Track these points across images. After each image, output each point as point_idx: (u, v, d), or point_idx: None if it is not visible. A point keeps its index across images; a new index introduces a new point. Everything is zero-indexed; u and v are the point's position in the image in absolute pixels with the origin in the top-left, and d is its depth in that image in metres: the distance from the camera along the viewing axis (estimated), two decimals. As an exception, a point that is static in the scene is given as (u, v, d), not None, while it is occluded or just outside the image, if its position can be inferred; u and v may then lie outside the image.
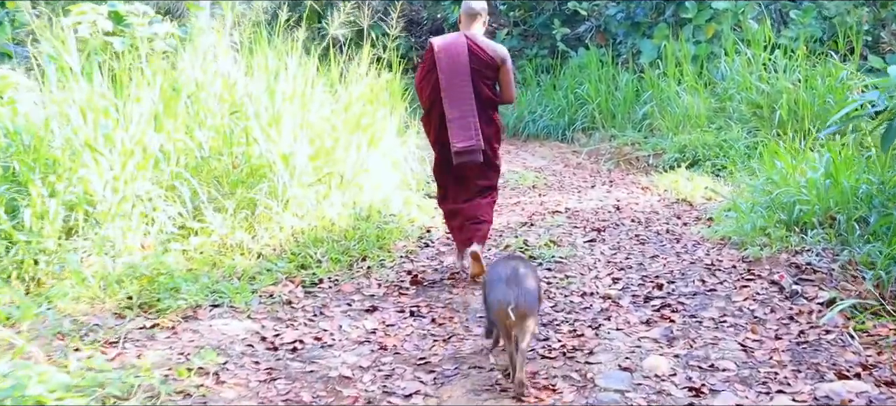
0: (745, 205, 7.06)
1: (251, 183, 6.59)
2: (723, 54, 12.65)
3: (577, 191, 9.54)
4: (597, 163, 11.91)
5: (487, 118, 5.79)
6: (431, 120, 5.86)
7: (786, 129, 10.74)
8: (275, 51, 7.70)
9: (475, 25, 5.86)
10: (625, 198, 9.02)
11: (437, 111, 5.74)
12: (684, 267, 6.10)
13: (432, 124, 5.87)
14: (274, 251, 6.17)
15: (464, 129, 5.63)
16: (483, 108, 5.74)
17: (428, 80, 5.80)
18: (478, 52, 5.71)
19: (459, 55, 5.66)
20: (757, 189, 7.57)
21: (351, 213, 6.84)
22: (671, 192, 9.21)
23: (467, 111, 5.65)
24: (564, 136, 14.08)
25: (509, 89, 5.88)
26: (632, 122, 12.97)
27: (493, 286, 4.07)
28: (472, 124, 5.64)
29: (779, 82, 11.16)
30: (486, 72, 5.74)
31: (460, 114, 5.63)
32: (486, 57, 5.72)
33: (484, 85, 5.74)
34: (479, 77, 5.70)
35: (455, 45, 5.72)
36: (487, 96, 5.77)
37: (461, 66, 5.64)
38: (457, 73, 5.64)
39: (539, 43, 16.81)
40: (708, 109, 11.49)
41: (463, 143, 5.63)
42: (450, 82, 5.64)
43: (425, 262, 6.34)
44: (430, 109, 5.85)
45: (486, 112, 5.78)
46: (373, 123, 7.83)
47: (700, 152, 10.55)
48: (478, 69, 5.69)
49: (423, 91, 5.87)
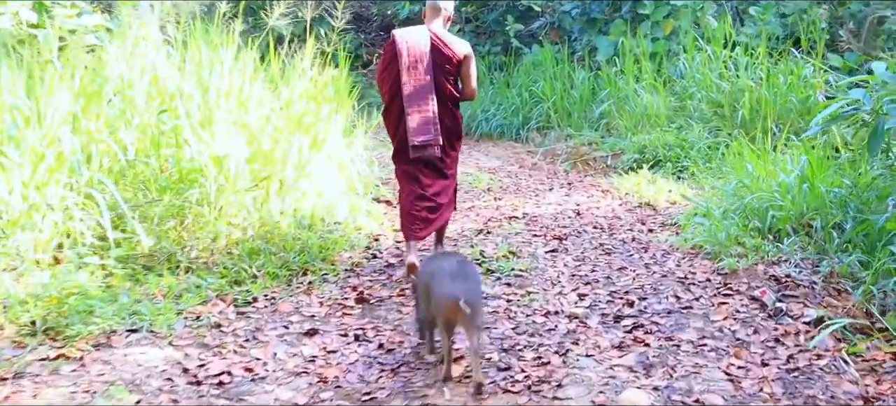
0: (718, 211, 6.55)
1: (181, 188, 5.93)
2: (682, 52, 12.23)
3: (534, 194, 9.01)
4: (553, 163, 11.40)
5: (449, 113, 5.71)
6: (391, 113, 5.76)
7: (748, 129, 10.37)
8: (211, 44, 7.05)
9: (439, 20, 5.77)
10: (585, 202, 8.50)
11: (397, 105, 5.64)
12: (656, 280, 5.58)
13: (392, 118, 5.76)
14: (205, 265, 5.53)
15: (422, 123, 5.56)
16: (444, 103, 5.66)
17: (389, 73, 5.68)
18: (441, 46, 5.61)
19: (421, 49, 5.56)
20: (727, 193, 7.09)
21: (291, 221, 6.20)
22: (633, 195, 8.72)
23: (426, 106, 5.56)
24: (519, 136, 13.55)
25: (471, 85, 5.78)
26: (588, 121, 12.48)
27: (439, 281, 3.89)
28: (431, 120, 5.56)
29: (740, 80, 10.76)
30: (449, 67, 5.65)
31: (419, 109, 5.55)
32: (449, 52, 5.62)
33: (446, 80, 5.65)
34: (441, 72, 5.62)
35: (417, 39, 5.61)
36: (449, 92, 5.69)
37: (423, 60, 5.55)
38: (418, 67, 5.55)
39: (492, 40, 16.28)
40: (668, 108, 11.03)
41: (421, 138, 5.55)
42: (410, 76, 5.55)
43: (372, 277, 5.73)
44: (390, 103, 5.74)
45: (447, 107, 5.70)
46: (316, 123, 7.20)
47: (660, 153, 10.09)
48: (440, 64, 5.60)
49: (384, 84, 5.75)
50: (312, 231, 6.24)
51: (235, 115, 6.45)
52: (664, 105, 11.02)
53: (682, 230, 6.97)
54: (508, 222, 7.48)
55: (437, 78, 5.61)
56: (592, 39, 13.71)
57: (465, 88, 5.81)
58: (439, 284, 3.88)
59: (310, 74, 7.58)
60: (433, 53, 5.60)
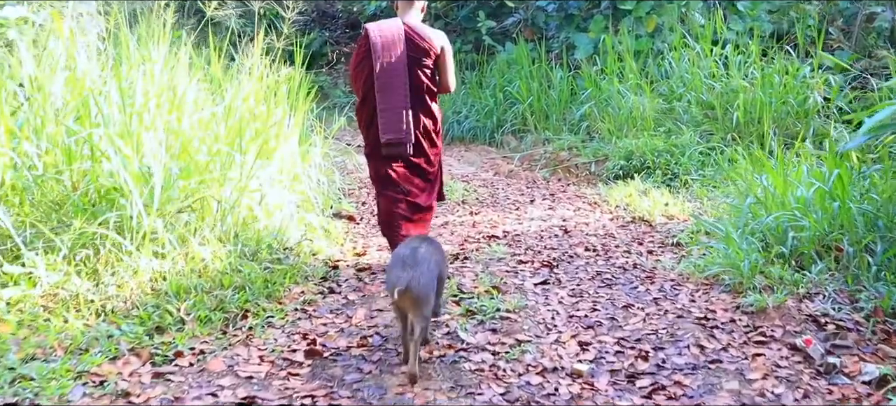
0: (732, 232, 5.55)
1: (98, 211, 4.85)
2: (667, 50, 11.26)
3: (514, 207, 7.97)
4: (531, 170, 10.38)
5: (425, 109, 5.44)
6: (364, 110, 5.46)
7: (743, 133, 9.45)
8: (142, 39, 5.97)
9: (413, 12, 5.48)
10: (572, 216, 7.48)
11: (371, 101, 5.35)
12: (670, 323, 4.55)
13: (365, 115, 5.47)
14: (124, 306, 4.44)
15: (394, 120, 5.29)
16: (420, 97, 5.39)
17: (362, 68, 5.38)
18: (416, 39, 5.32)
19: (395, 42, 5.29)
20: (740, 210, 6.12)
21: (231, 249, 5.12)
22: (624, 208, 7.72)
23: (399, 102, 5.29)
24: (493, 139, 12.51)
25: (447, 78, 5.48)
26: (568, 123, 11.46)
27: (389, 268, 3.89)
28: (403, 116, 5.30)
29: (732, 81, 9.82)
30: (425, 60, 5.35)
31: (392, 105, 5.28)
32: (424, 44, 5.34)
33: (422, 73, 5.36)
34: (416, 65, 5.33)
35: (391, 32, 5.31)
36: (426, 86, 5.40)
37: (397, 54, 5.27)
38: (392, 61, 5.26)
39: (463, 37, 15.22)
40: (655, 111, 10.05)
41: (391, 135, 5.31)
42: (383, 71, 5.26)
43: (328, 319, 4.65)
44: (364, 99, 5.43)
45: (424, 102, 5.43)
46: (265, 130, 6.13)
47: (649, 159, 9.12)
48: (415, 57, 5.32)
49: (357, 79, 5.45)
50: (257, 261, 5.17)
51: (166, 122, 5.35)
52: (651, 107, 10.03)
53: (688, 252, 5.98)
54: (488, 243, 6.43)
55: (412, 72, 5.32)
56: (570, 36, 12.70)
57: (443, 82, 5.51)
58: (389, 271, 3.83)
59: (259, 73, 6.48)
60: (408, 46, 5.30)
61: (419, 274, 3.74)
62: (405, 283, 3.64)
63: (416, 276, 3.71)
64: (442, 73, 5.50)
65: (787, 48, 10.26)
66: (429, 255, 3.93)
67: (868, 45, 11.81)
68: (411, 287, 3.66)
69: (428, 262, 3.87)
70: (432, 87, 5.47)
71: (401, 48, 5.29)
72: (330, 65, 18.53)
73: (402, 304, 3.74)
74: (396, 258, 3.88)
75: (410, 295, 3.67)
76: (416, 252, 3.88)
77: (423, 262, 3.83)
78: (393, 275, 3.75)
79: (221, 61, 6.52)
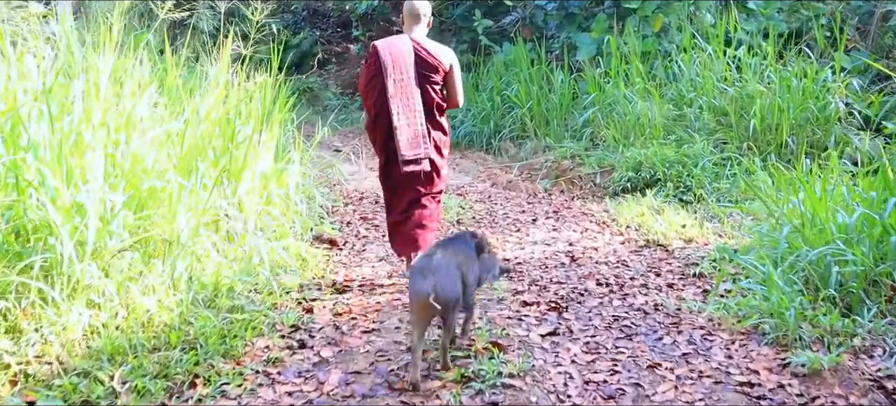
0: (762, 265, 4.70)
1: (24, 253, 4.01)
2: (675, 51, 10.43)
3: (514, 228, 7.13)
4: (532, 181, 9.55)
5: (435, 123, 5.40)
6: (378, 126, 5.34)
7: (760, 142, 8.64)
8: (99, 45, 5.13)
9: (419, 27, 5.39)
10: (579, 239, 6.65)
11: (385, 119, 5.26)
12: (707, 391, 3.70)
13: (379, 131, 5.34)
14: (48, 370, 3.61)
15: (412, 137, 5.24)
16: (430, 113, 5.34)
17: (373, 86, 5.27)
18: (424, 55, 5.26)
19: (405, 59, 5.23)
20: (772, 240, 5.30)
21: (183, 297, 4.27)
22: (636, 229, 6.90)
23: (415, 119, 5.25)
24: (490, 146, 11.66)
25: (456, 94, 5.46)
26: (570, 130, 10.62)
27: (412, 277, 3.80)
28: (420, 133, 5.26)
29: (748, 85, 8.99)
30: (434, 76, 5.30)
31: (408, 122, 5.23)
32: (433, 61, 5.28)
33: (431, 89, 5.31)
34: (426, 82, 5.27)
35: (400, 49, 5.25)
36: (436, 102, 5.35)
37: (408, 71, 5.22)
38: (403, 78, 5.21)
39: (458, 37, 14.38)
40: (664, 117, 9.22)
41: (411, 153, 5.25)
42: (396, 88, 5.20)
43: (294, 385, 3.79)
44: (376, 116, 5.31)
45: (434, 117, 5.38)
46: (231, 148, 5.29)
47: (659, 170, 8.29)
48: (425, 73, 5.26)
49: (369, 97, 5.33)
50: (215, 308, 4.33)
51: (108, 143, 4.51)
52: (660, 113, 9.20)
53: (713, 287, 5.15)
54: (486, 275, 5.60)
55: (422, 88, 5.26)
56: (571, 37, 11.86)
57: (451, 97, 5.47)
58: (411, 283, 3.76)
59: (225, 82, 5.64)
60: (417, 63, 5.24)
61: (441, 279, 3.67)
62: (430, 292, 3.58)
63: (439, 280, 3.65)
64: (450, 89, 5.43)
65: (803, 49, 9.44)
66: (447, 260, 3.84)
67: (885, 45, 11.01)
68: (437, 294, 3.59)
69: (447, 267, 3.78)
70: (441, 103, 5.40)
71: (411, 65, 5.22)
72: (322, 65, 17.68)
73: (427, 313, 3.66)
74: (416, 270, 3.81)
75: (436, 302, 3.57)
76: (432, 259, 3.81)
77: (442, 267, 3.75)
78: (416, 285, 3.67)
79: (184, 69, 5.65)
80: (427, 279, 3.65)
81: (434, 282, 3.64)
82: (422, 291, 3.61)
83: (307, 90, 16.85)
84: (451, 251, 3.98)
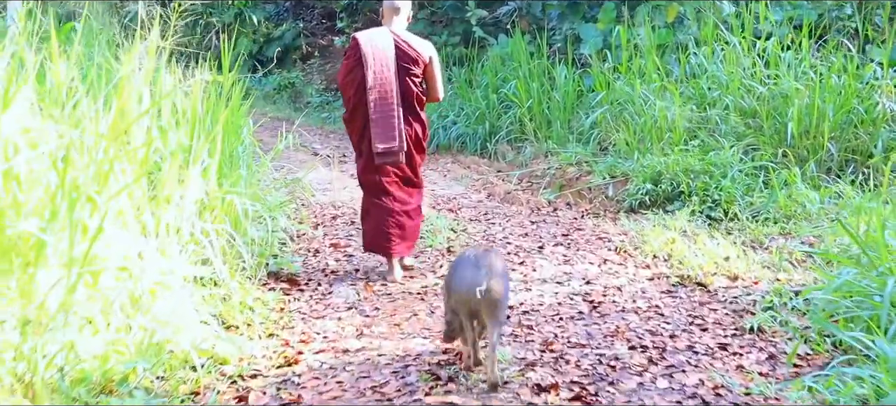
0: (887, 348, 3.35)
1: None
2: (693, 44, 9.07)
3: (517, 257, 5.73)
4: (533, 192, 8.18)
5: (414, 116, 5.30)
6: (355, 120, 5.27)
7: (797, 148, 7.32)
8: None
9: (399, 20, 5.33)
10: (597, 275, 5.27)
11: (362, 111, 5.18)
12: None
13: (357, 124, 5.27)
14: None
15: (386, 129, 5.15)
16: (409, 106, 5.25)
17: (352, 78, 5.19)
18: (405, 48, 5.19)
19: (386, 52, 5.16)
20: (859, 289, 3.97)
21: (51, 377, 2.89)
22: (665, 260, 5.56)
23: (391, 112, 5.16)
24: (485, 149, 10.25)
25: (437, 87, 5.41)
26: (575, 132, 9.24)
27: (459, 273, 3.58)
28: (396, 125, 5.16)
29: (782, 83, 7.65)
30: (414, 69, 5.21)
31: (384, 114, 5.15)
32: (413, 53, 5.20)
33: (411, 82, 5.23)
34: (405, 74, 5.20)
35: (381, 42, 5.17)
36: (416, 95, 5.27)
37: (388, 63, 5.15)
38: (383, 70, 5.13)
39: (449, 29, 12.98)
40: (686, 119, 7.86)
41: (384, 145, 5.16)
42: (375, 80, 5.12)
43: None
44: (354, 109, 5.24)
45: (413, 110, 5.29)
46: (143, 172, 3.91)
47: (682, 182, 6.95)
48: (405, 66, 5.19)
49: (348, 89, 5.25)
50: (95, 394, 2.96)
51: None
52: (681, 115, 7.84)
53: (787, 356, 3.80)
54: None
55: (401, 81, 5.21)
56: (575, 27, 10.46)
57: (431, 91, 5.42)
58: (459, 276, 3.56)
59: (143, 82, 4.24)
60: (398, 55, 5.19)
61: (494, 274, 3.47)
62: (485, 283, 3.39)
63: (493, 275, 3.45)
64: (430, 83, 5.36)
65: (843, 42, 8.10)
66: (496, 260, 3.61)
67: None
68: (492, 287, 3.41)
69: (495, 266, 3.54)
70: (421, 96, 5.33)
71: (391, 57, 5.15)
72: (305, 59, 16.25)
73: (477, 307, 3.47)
74: (466, 261, 3.62)
75: (490, 295, 3.41)
76: (485, 256, 3.59)
77: (493, 266, 3.52)
78: (468, 275, 3.48)
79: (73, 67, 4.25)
80: (481, 270, 3.44)
81: (489, 274, 3.42)
82: (476, 281, 3.39)
83: (289, 86, 15.46)
84: (494, 254, 3.71)
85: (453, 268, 3.72)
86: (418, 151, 5.36)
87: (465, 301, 3.48)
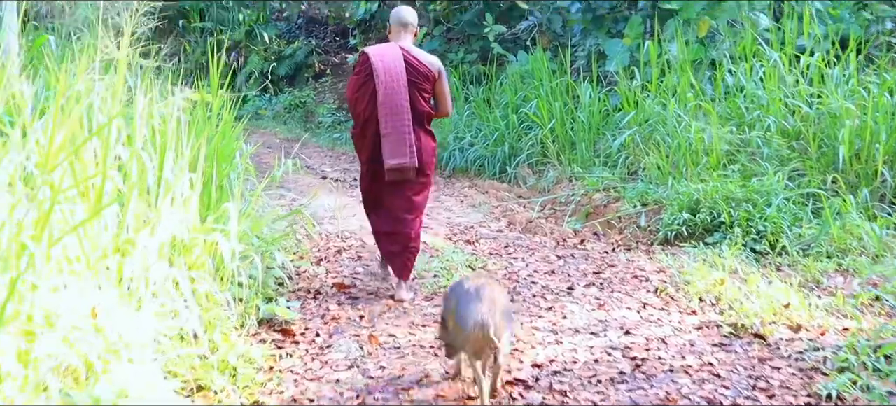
0: None
1: None
2: (725, 59, 8.34)
3: (543, 300, 4.99)
4: (557, 221, 7.46)
5: (424, 131, 5.16)
6: (365, 135, 5.12)
7: (848, 174, 6.58)
8: None
9: (406, 36, 5.24)
10: (637, 324, 4.52)
11: (372, 127, 5.05)
12: None
13: (366, 140, 5.12)
14: None
15: (398, 145, 5.00)
16: (418, 121, 5.11)
17: (363, 93, 5.06)
18: (414, 63, 5.08)
19: (396, 66, 5.03)
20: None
21: None
22: (713, 304, 4.82)
23: (402, 126, 5.01)
24: (504, 173, 9.53)
25: (446, 102, 5.31)
26: (602, 155, 8.51)
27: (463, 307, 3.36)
28: (407, 140, 5.01)
29: (830, 101, 6.92)
30: (423, 84, 5.11)
31: (395, 129, 5.00)
32: (423, 68, 5.09)
33: (421, 97, 5.11)
34: (415, 89, 5.07)
35: (391, 56, 5.05)
36: (425, 110, 5.16)
37: (398, 77, 5.01)
38: (394, 85, 4.99)
39: (467, 46, 12.31)
40: (725, 142, 7.13)
41: (396, 160, 5.01)
42: (386, 95, 4.98)
43: None
44: (364, 124, 5.10)
45: (422, 125, 5.16)
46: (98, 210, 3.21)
47: (723, 211, 6.21)
48: (414, 81, 5.06)
49: (358, 104, 5.10)
50: None
51: None
52: (720, 136, 7.11)
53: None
54: (508, 399, 3.53)
55: (412, 95, 5.04)
56: (600, 43, 9.75)
57: (440, 106, 5.30)
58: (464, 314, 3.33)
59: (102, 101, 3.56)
60: (407, 70, 5.03)
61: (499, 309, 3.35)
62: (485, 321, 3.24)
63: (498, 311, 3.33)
64: (439, 98, 5.27)
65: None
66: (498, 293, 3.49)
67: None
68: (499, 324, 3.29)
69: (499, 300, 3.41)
70: (430, 112, 5.23)
71: (401, 72, 5.03)
72: (317, 77, 15.61)
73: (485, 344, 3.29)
74: (468, 296, 3.39)
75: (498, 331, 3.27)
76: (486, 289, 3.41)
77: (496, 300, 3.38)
78: (473, 312, 3.28)
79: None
80: (484, 304, 3.31)
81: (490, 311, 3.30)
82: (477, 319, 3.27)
83: (300, 105, 14.82)
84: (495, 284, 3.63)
85: (455, 303, 3.46)
86: (427, 168, 5.22)
87: (472, 340, 3.31)
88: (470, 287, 3.46)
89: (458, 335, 3.39)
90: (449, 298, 3.60)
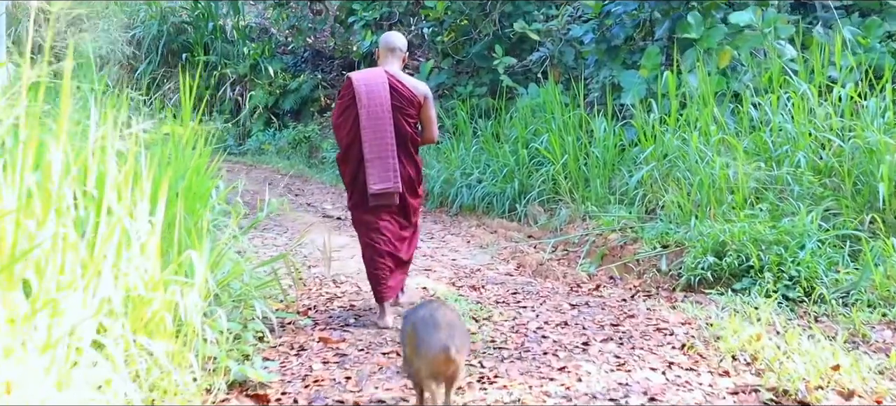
0: None
1: None
2: (749, 91, 7.78)
3: (557, 361, 4.33)
4: (570, 263, 6.87)
5: (408, 157, 5.15)
6: (349, 160, 5.12)
7: (886, 214, 6.00)
8: None
9: (394, 61, 5.20)
10: (662, 388, 3.90)
11: (356, 151, 5.04)
12: None
13: (349, 164, 5.12)
14: None
15: (382, 170, 4.99)
16: (403, 146, 5.10)
17: (346, 117, 5.08)
18: (399, 88, 5.06)
19: (380, 91, 5.01)
20: None
21: None
22: (748, 364, 4.21)
23: (386, 151, 4.99)
24: (514, 211, 8.94)
25: (432, 128, 5.25)
26: (617, 192, 7.92)
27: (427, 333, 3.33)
28: (391, 165, 5.00)
29: (866, 135, 6.35)
30: (408, 109, 5.08)
31: (379, 154, 4.98)
32: (408, 93, 5.07)
33: (405, 123, 5.08)
34: (400, 114, 5.05)
35: (375, 81, 5.05)
36: (410, 135, 5.13)
37: (382, 102, 4.99)
38: (377, 109, 4.98)
39: (476, 78, 11.79)
40: (752, 179, 6.55)
41: (380, 186, 4.99)
42: (369, 120, 4.97)
43: None
44: (347, 148, 5.11)
45: (407, 150, 5.14)
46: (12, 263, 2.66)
47: (752, 254, 5.62)
48: (399, 106, 5.04)
49: (342, 129, 5.12)
50: None
51: None
52: (747, 173, 6.53)
53: None
54: None
55: (396, 121, 5.02)
56: (615, 75, 9.20)
57: (426, 132, 5.27)
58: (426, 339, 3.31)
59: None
60: (392, 95, 5.01)
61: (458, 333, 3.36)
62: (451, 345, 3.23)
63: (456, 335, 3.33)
64: (425, 123, 5.22)
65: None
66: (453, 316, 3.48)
67: None
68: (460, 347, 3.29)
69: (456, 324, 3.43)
70: (415, 137, 5.18)
71: (386, 96, 4.99)
72: (322, 111, 15.14)
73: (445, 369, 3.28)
74: (427, 322, 3.35)
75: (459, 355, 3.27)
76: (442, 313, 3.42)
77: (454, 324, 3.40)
78: (436, 338, 3.27)
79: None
80: (445, 332, 3.28)
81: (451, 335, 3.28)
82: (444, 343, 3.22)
83: (305, 140, 14.34)
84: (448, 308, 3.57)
85: (413, 329, 3.42)
86: (412, 194, 5.20)
87: (434, 363, 3.27)
88: (425, 314, 3.44)
89: (421, 360, 3.33)
90: (404, 328, 3.56)
